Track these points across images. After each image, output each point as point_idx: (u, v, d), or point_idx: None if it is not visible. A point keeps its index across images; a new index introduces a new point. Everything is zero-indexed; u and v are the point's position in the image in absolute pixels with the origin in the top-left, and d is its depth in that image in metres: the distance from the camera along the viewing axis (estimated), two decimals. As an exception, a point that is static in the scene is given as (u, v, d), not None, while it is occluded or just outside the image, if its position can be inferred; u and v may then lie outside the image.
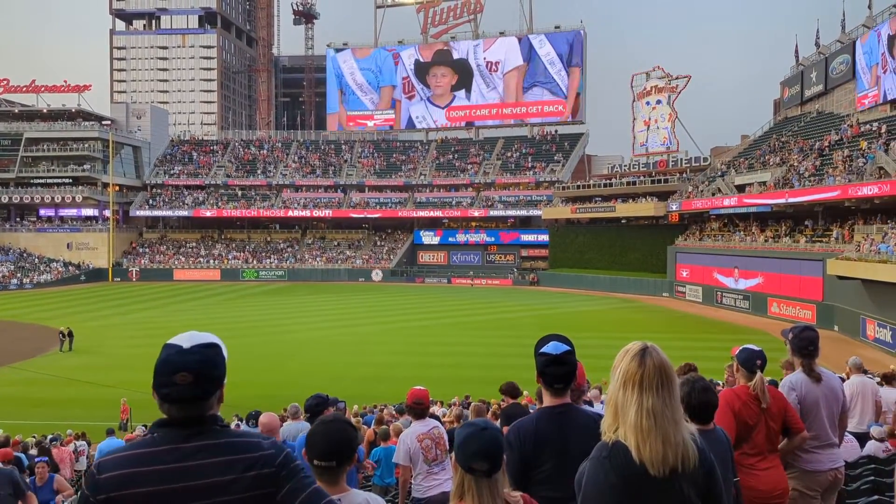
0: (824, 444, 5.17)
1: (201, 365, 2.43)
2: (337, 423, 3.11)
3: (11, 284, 72.22)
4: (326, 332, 43.12)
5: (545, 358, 3.58)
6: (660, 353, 2.60)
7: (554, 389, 3.60)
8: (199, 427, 2.46)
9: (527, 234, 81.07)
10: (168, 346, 2.48)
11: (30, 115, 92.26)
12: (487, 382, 20.66)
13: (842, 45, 56.70)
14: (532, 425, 3.57)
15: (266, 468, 2.46)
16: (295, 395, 22.03)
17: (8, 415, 23.69)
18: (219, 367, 2.50)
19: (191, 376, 2.40)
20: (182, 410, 2.44)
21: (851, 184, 42.06)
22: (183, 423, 2.45)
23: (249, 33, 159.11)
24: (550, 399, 3.62)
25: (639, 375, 2.53)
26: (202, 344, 2.48)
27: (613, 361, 2.65)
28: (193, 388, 2.41)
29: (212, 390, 2.47)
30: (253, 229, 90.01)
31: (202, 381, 2.43)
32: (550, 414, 3.59)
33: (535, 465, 3.49)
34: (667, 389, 2.54)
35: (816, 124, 58.61)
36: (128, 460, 2.42)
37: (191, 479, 2.39)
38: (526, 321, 46.58)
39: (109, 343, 39.44)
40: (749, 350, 5.06)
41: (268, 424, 6.85)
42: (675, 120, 73.07)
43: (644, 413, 2.48)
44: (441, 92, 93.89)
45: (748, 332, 39.88)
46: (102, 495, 2.38)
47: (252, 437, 2.56)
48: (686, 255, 59.85)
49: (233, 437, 2.50)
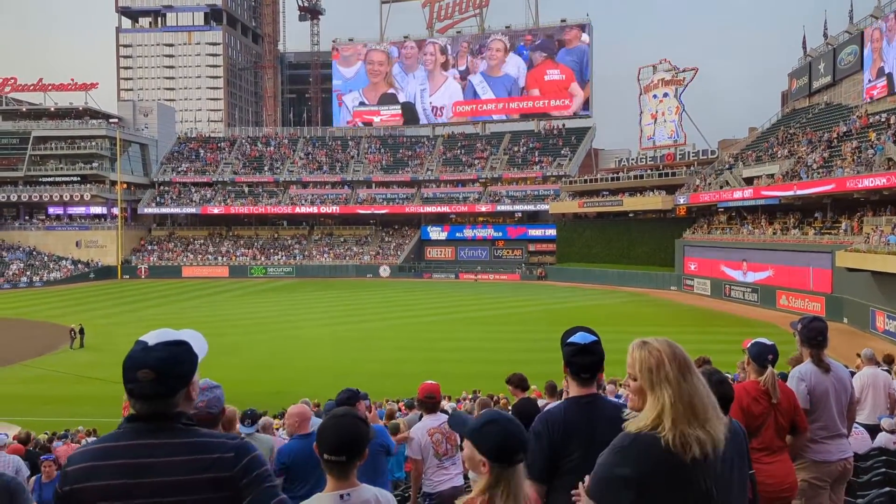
0: (833, 435, 5.17)
1: (163, 363, 2.46)
2: (348, 418, 3.13)
3: (21, 282, 72.62)
4: (334, 328, 43.20)
5: (573, 348, 3.63)
6: (671, 342, 2.64)
7: (581, 379, 3.64)
8: (162, 423, 2.47)
9: (534, 229, 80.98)
10: (136, 343, 2.54)
11: (37, 113, 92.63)
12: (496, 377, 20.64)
13: (850, 35, 56.36)
14: (560, 415, 3.59)
15: (223, 472, 2.45)
16: (304, 391, 22.12)
17: (20, 412, 23.84)
18: (183, 364, 2.51)
19: (152, 373, 2.43)
20: (146, 406, 2.47)
21: (859, 175, 41.84)
22: (148, 418, 2.47)
23: (255, 30, 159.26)
24: (577, 389, 3.66)
25: (685, 360, 2.57)
26: (167, 342, 2.51)
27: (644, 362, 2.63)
28: (155, 386, 2.44)
29: (175, 388, 2.48)
30: (260, 226, 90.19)
31: (164, 378, 2.45)
32: (578, 403, 3.62)
33: (563, 455, 3.50)
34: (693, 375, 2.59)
35: (825, 116, 58.31)
36: (91, 454, 2.46)
37: (146, 476, 2.40)
38: (534, 316, 46.58)
39: (120, 340, 39.53)
40: (761, 344, 5.05)
41: (300, 414, 6.80)
42: (682, 113, 72.84)
43: (705, 393, 2.54)
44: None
45: (757, 325, 39.77)
46: (67, 487, 2.42)
47: (215, 438, 2.55)
48: (694, 249, 59.71)
49: (194, 437, 2.50)
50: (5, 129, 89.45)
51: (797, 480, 4.90)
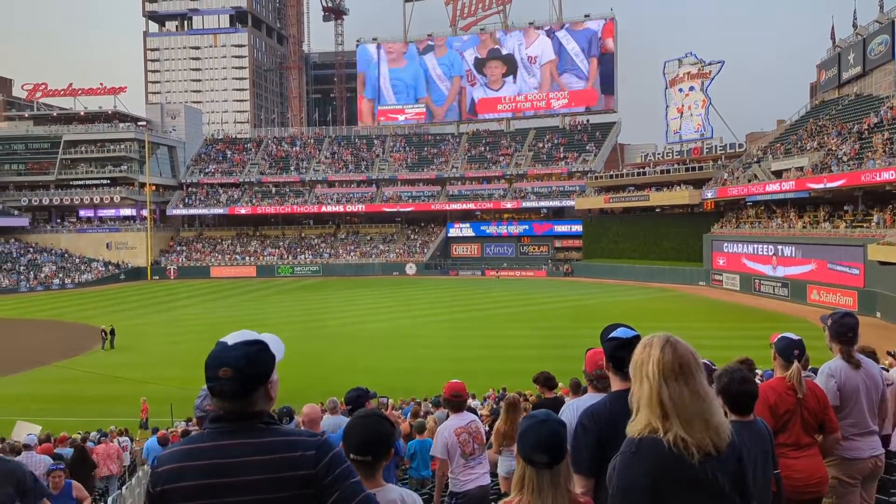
0: (864, 432, 5.10)
1: (241, 361, 2.51)
2: (373, 418, 3.15)
3: (54, 284, 73.84)
4: (361, 326, 43.39)
5: (615, 342, 3.71)
6: (680, 341, 2.63)
7: (624, 374, 3.66)
8: (243, 423, 2.53)
9: (560, 225, 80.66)
10: (217, 343, 2.60)
11: (68, 118, 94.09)
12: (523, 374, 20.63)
13: (880, 25, 55.35)
14: (605, 408, 3.65)
15: (305, 469, 2.49)
16: (332, 389, 22.24)
17: (53, 412, 24.26)
18: (261, 363, 2.56)
19: (231, 371, 2.48)
20: (226, 405, 2.53)
21: (891, 167, 41.12)
22: (230, 418, 2.54)
23: (280, 31, 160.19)
24: (620, 383, 3.71)
25: (678, 365, 2.55)
26: (246, 341, 2.57)
27: (635, 359, 2.68)
28: (234, 384, 2.49)
29: (254, 386, 2.53)
30: (287, 225, 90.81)
31: (243, 377, 2.50)
32: (621, 397, 3.63)
33: (611, 447, 3.51)
34: (699, 372, 2.57)
35: (855, 107, 57.34)
36: (179, 455, 2.53)
37: (231, 476, 2.45)
38: (561, 312, 46.42)
39: (150, 340, 40.15)
40: (787, 339, 5.00)
41: (310, 415, 6.88)
42: (708, 106, 72.10)
43: (699, 399, 2.51)
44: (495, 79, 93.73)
45: (788, 319, 39.30)
46: (159, 488, 2.50)
47: (296, 436, 2.60)
48: (722, 243, 59.10)
49: (276, 436, 2.54)
50: (37, 133, 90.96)
51: (827, 476, 4.84)
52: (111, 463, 15.00)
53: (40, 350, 37.99)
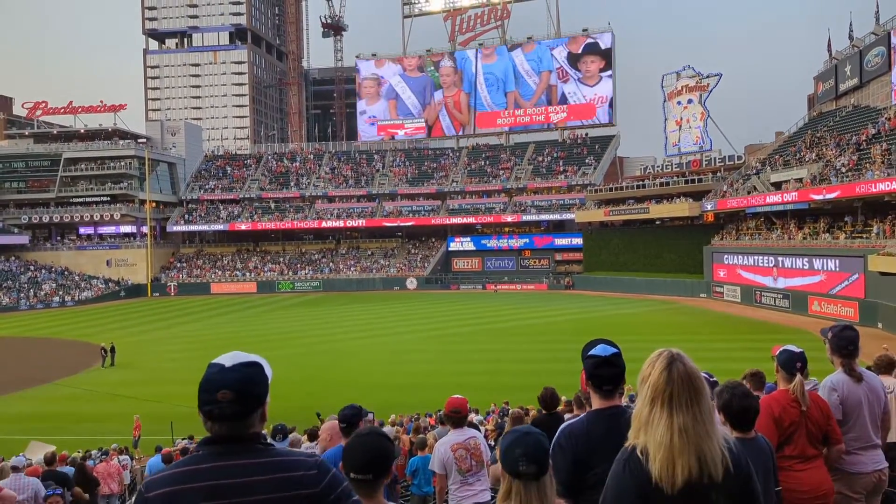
0: (867, 446, 5.07)
1: (241, 383, 2.48)
2: (373, 436, 3.13)
3: (54, 302, 73.79)
4: (363, 341, 43.29)
5: (594, 360, 3.61)
6: (687, 363, 2.54)
7: (603, 392, 3.62)
8: (241, 445, 2.49)
9: (560, 238, 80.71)
10: (211, 366, 2.55)
11: (68, 135, 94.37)
12: (526, 389, 20.59)
13: (876, 37, 55.61)
14: (583, 427, 3.58)
15: (308, 489, 2.48)
16: (333, 405, 22.15)
17: (52, 431, 24.14)
18: (259, 385, 2.54)
19: (231, 394, 2.45)
20: (225, 428, 2.49)
21: (890, 178, 41.18)
22: (226, 440, 2.49)
23: (279, 47, 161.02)
24: (600, 402, 3.64)
25: (668, 393, 2.48)
26: (243, 362, 2.54)
27: (641, 371, 2.62)
28: (234, 406, 2.46)
29: (253, 407, 2.51)
30: (287, 241, 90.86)
31: (242, 398, 2.47)
32: (601, 416, 3.60)
33: (587, 468, 3.48)
34: (697, 403, 2.48)
35: (852, 118, 57.51)
36: (173, 478, 2.47)
37: (233, 497, 2.42)
38: (563, 326, 46.34)
39: (150, 357, 40.05)
40: (789, 351, 4.98)
41: (332, 428, 6.78)
42: (707, 119, 72.32)
43: (675, 431, 2.42)
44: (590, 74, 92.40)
45: (789, 331, 39.22)
46: None
47: (295, 456, 2.59)
48: (723, 255, 59.12)
49: (275, 456, 2.53)
50: (37, 151, 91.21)
51: (833, 488, 4.81)
52: (112, 482, 14.93)
53: (40, 368, 37.90)
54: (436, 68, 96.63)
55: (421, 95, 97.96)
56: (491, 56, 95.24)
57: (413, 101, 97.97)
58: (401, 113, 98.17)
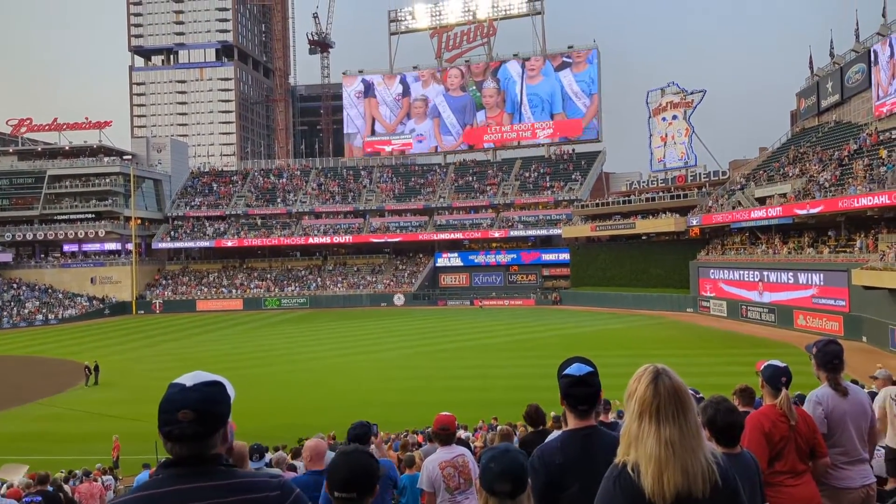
0: (854, 460, 5.06)
1: (202, 402, 2.43)
2: (357, 455, 3.10)
3: (37, 320, 73.11)
4: (350, 358, 43.11)
5: (568, 380, 3.56)
6: (673, 377, 2.55)
7: (578, 411, 3.57)
8: (203, 467, 2.43)
9: (548, 254, 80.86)
10: (171, 385, 2.49)
11: (52, 152, 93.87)
12: (514, 404, 20.51)
13: (857, 54, 56.36)
14: (557, 447, 3.53)
15: None
16: (321, 422, 22.05)
17: (35, 451, 23.81)
18: (221, 404, 2.49)
19: (193, 413, 2.39)
20: (185, 448, 2.43)
21: (873, 192, 41.61)
22: (187, 462, 2.43)
23: (266, 64, 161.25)
24: (575, 421, 3.59)
25: (654, 406, 2.48)
26: (204, 382, 2.49)
27: (627, 387, 2.62)
28: (195, 426, 2.40)
29: (214, 427, 2.45)
30: (274, 258, 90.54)
31: (204, 418, 2.41)
32: (575, 436, 3.56)
33: (561, 488, 3.44)
34: (683, 416, 2.48)
35: (834, 134, 58.17)
36: (134, 502, 2.41)
37: None
38: (551, 341, 46.33)
39: (135, 376, 39.68)
40: (774, 366, 4.99)
41: (315, 448, 6.71)
42: (691, 135, 72.90)
43: (663, 444, 2.43)
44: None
45: (775, 345, 39.37)
46: None
47: (257, 477, 2.54)
48: (709, 270, 59.40)
49: (238, 478, 2.48)
50: (21, 168, 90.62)
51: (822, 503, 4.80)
52: (93, 502, 14.75)
53: (23, 387, 37.49)
54: (478, 88, 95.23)
55: (461, 114, 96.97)
56: (536, 77, 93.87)
57: (452, 119, 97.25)
58: (442, 132, 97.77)
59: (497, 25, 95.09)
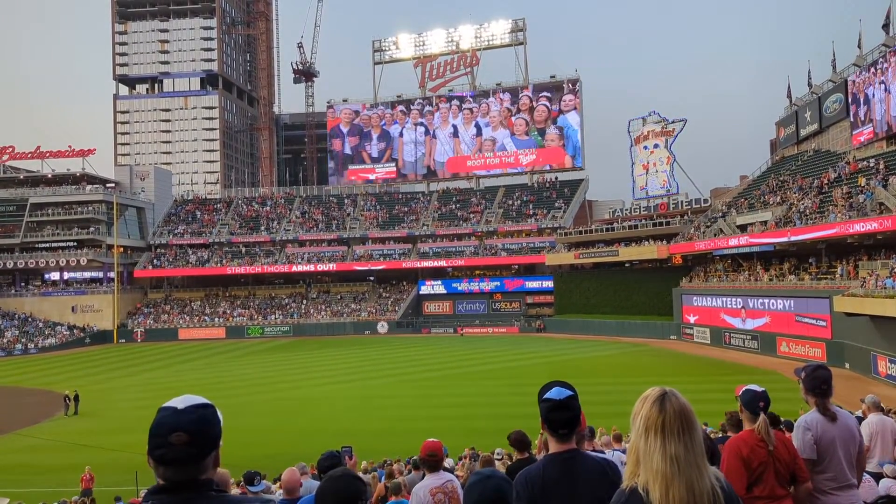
0: (843, 485, 5.06)
1: (197, 424, 2.38)
2: (345, 479, 3.09)
3: (16, 350, 72.09)
4: (334, 386, 42.79)
5: (549, 404, 3.57)
6: (679, 398, 2.60)
7: (559, 435, 3.57)
8: (196, 492, 2.38)
9: (531, 281, 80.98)
10: (162, 409, 2.44)
11: (34, 180, 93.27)
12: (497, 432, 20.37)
13: (834, 84, 57.40)
14: (539, 472, 3.52)
15: None
16: (305, 452, 21.81)
17: (11, 483, 23.41)
18: (215, 426, 2.45)
19: (186, 436, 2.34)
20: (177, 473, 2.36)
21: (852, 220, 42.11)
22: (179, 487, 2.37)
23: (250, 93, 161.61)
24: (556, 445, 3.59)
25: (660, 421, 2.52)
26: (196, 404, 2.44)
27: (633, 408, 2.64)
28: (189, 448, 2.35)
29: (207, 450, 2.41)
30: (257, 285, 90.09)
31: (198, 440, 2.37)
32: (556, 460, 3.56)
33: None
34: (688, 434, 2.52)
35: (814, 163, 58.99)
36: None
37: None
38: (534, 369, 46.22)
39: (115, 405, 39.17)
40: (752, 391, 5.00)
41: (290, 481, 6.67)
42: (673, 163, 73.68)
43: (668, 460, 2.45)
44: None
45: (758, 372, 39.53)
46: None
47: (248, 502, 2.55)
48: (692, 297, 59.69)
49: (229, 503, 2.46)
50: (3, 196, 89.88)
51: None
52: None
53: (0, 418, 36.82)
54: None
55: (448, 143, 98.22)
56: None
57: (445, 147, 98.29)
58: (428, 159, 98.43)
59: (480, 55, 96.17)
